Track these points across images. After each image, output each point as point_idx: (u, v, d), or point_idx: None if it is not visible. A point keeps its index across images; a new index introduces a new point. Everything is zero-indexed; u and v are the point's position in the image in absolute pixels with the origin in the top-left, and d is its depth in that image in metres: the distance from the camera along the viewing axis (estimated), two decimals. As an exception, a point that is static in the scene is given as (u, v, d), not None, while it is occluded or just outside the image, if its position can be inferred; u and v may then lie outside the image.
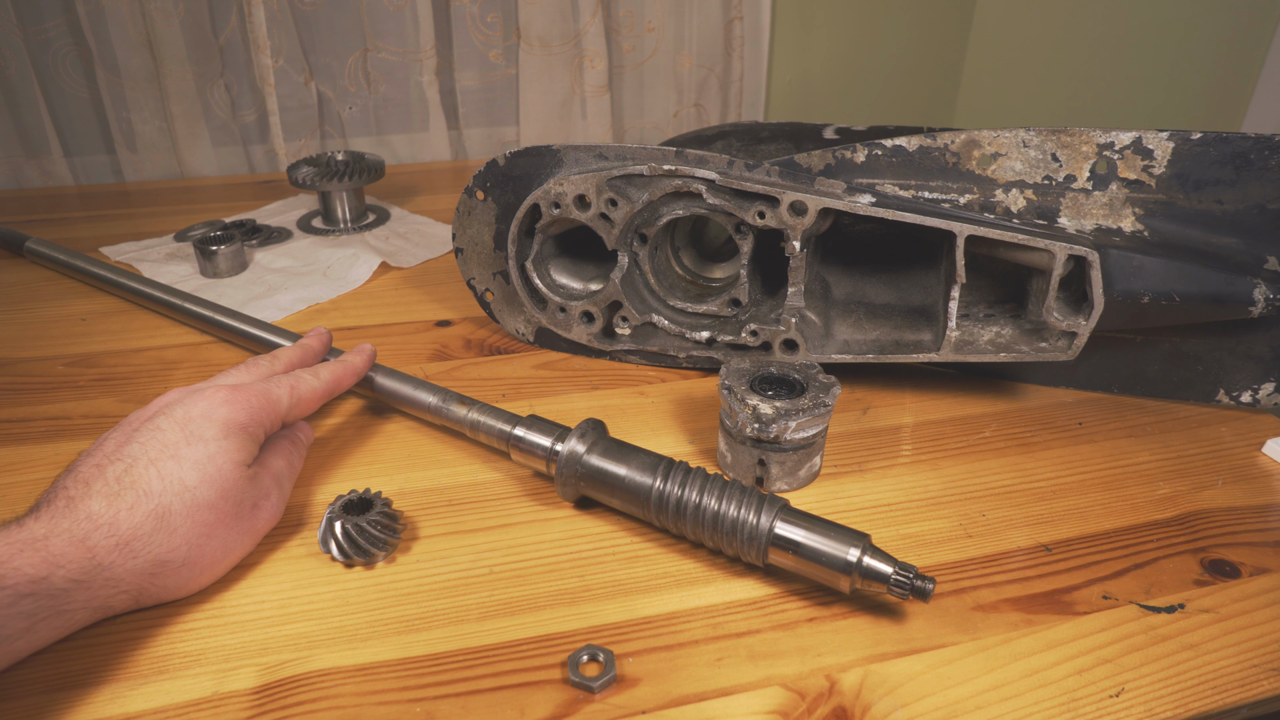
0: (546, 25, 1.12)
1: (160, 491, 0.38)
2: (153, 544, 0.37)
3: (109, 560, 0.35)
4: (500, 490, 0.50)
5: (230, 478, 0.40)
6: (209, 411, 0.41)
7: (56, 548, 0.34)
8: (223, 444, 0.41)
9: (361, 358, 0.53)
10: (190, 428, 0.40)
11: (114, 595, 0.37)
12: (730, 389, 0.48)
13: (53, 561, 0.34)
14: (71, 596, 0.35)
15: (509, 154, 0.58)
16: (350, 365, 0.52)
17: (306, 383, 0.48)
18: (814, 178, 0.55)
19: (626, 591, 0.43)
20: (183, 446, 0.39)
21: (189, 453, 0.39)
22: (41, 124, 1.00)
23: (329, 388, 0.49)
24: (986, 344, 0.55)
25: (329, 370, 0.50)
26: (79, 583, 0.35)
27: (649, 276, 0.60)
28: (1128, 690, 0.37)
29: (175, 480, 0.38)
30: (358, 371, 0.53)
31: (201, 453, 0.40)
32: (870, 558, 0.39)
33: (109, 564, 0.35)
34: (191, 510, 0.38)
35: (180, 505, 0.38)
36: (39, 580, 0.33)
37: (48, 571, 0.33)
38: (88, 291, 0.74)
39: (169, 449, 0.39)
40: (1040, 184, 0.54)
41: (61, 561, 0.34)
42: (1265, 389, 0.56)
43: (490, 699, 0.37)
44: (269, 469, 0.44)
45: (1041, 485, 0.51)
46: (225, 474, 0.40)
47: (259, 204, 0.97)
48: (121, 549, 0.36)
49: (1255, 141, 0.51)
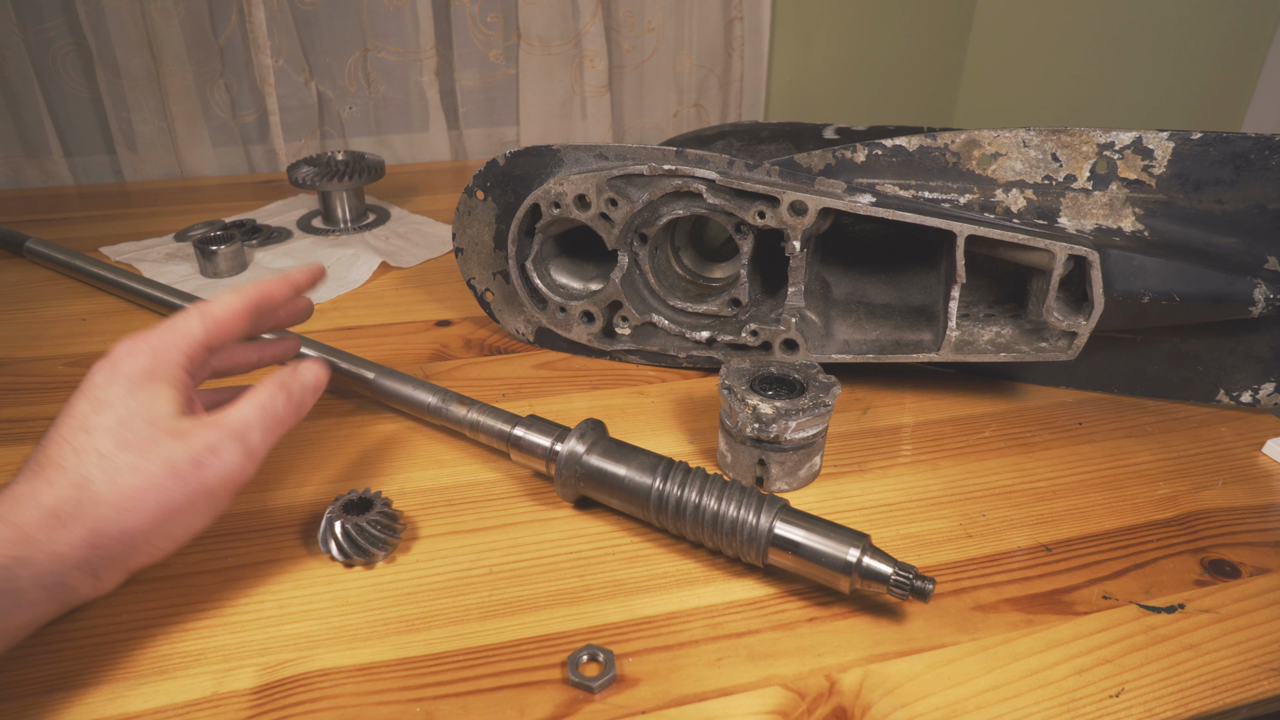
0: (546, 25, 1.12)
1: (76, 464, 0.36)
2: (80, 512, 0.35)
3: (40, 535, 0.34)
4: (500, 490, 0.50)
5: (148, 436, 0.37)
6: (111, 372, 0.38)
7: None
8: (130, 404, 0.37)
9: (300, 271, 0.47)
10: (96, 394, 0.38)
11: (65, 571, 0.35)
12: (730, 389, 0.48)
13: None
14: (15, 573, 0.33)
15: (509, 154, 0.58)
16: (282, 276, 0.46)
17: (222, 301, 0.42)
18: (814, 178, 0.55)
19: (626, 591, 0.43)
20: (91, 416, 0.37)
21: (98, 421, 0.37)
22: (41, 124, 1.00)
23: (254, 299, 0.43)
24: (986, 344, 0.55)
25: (254, 283, 0.44)
26: (17, 559, 0.33)
27: (649, 276, 0.60)
28: (1128, 690, 0.37)
29: (90, 450, 0.36)
30: (293, 283, 0.46)
31: (110, 418, 0.37)
32: (870, 558, 0.39)
33: (41, 538, 0.34)
34: (112, 475, 0.36)
35: (100, 473, 0.36)
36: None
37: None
38: (88, 291, 0.74)
39: (79, 422, 0.37)
40: (1040, 184, 0.54)
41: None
42: (1265, 389, 0.56)
43: (490, 699, 0.37)
44: (221, 420, 0.39)
45: (1041, 485, 0.51)
46: (141, 434, 0.37)
47: (259, 204, 0.97)
48: (49, 521, 0.34)
49: (1255, 141, 0.51)
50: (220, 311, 0.42)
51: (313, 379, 0.43)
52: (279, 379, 0.42)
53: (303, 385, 0.43)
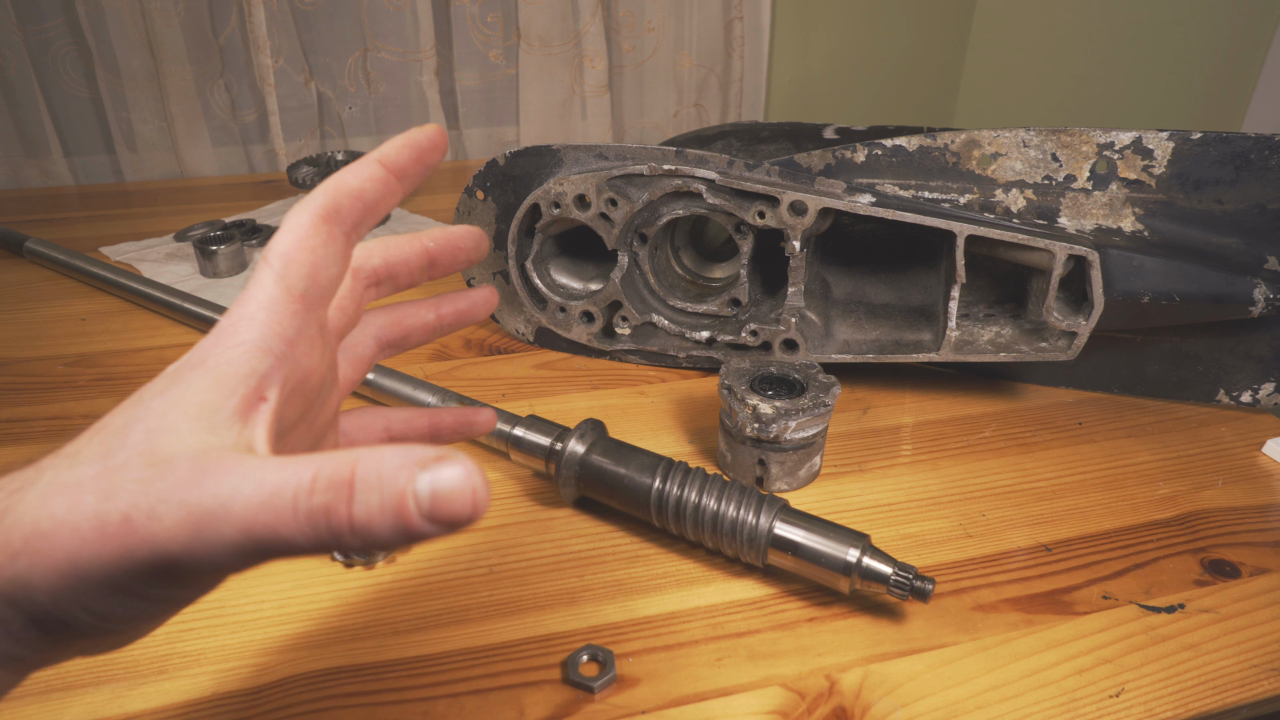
0: (546, 25, 1.12)
1: (46, 465, 0.23)
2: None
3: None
4: (500, 490, 0.50)
5: (125, 455, 0.23)
6: (188, 357, 0.25)
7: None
8: (154, 402, 0.24)
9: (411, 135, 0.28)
10: (153, 383, 0.25)
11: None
12: (730, 389, 0.48)
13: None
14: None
15: (509, 154, 0.58)
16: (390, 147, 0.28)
17: (295, 234, 0.26)
18: (814, 178, 0.55)
19: (626, 591, 0.43)
20: (120, 410, 0.24)
21: (113, 419, 0.24)
22: (41, 124, 1.00)
23: (331, 200, 0.26)
24: (986, 344, 0.55)
25: (330, 180, 0.27)
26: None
27: (649, 276, 0.60)
28: (1128, 690, 0.37)
29: (68, 453, 0.23)
30: (413, 144, 0.28)
31: (122, 417, 0.24)
32: (870, 558, 0.39)
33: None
34: (47, 493, 0.22)
35: (45, 483, 0.22)
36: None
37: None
38: (88, 291, 0.74)
39: (112, 415, 0.24)
40: (1040, 184, 0.54)
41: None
42: (1265, 389, 0.56)
43: (490, 699, 0.37)
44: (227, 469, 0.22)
45: (1041, 485, 0.51)
46: (124, 447, 0.23)
47: (259, 204, 0.96)
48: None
49: (1255, 141, 0.51)
50: (301, 252, 0.25)
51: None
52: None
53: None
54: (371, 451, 0.20)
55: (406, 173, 0.28)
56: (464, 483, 0.20)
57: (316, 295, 0.26)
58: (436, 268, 0.33)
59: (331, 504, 0.19)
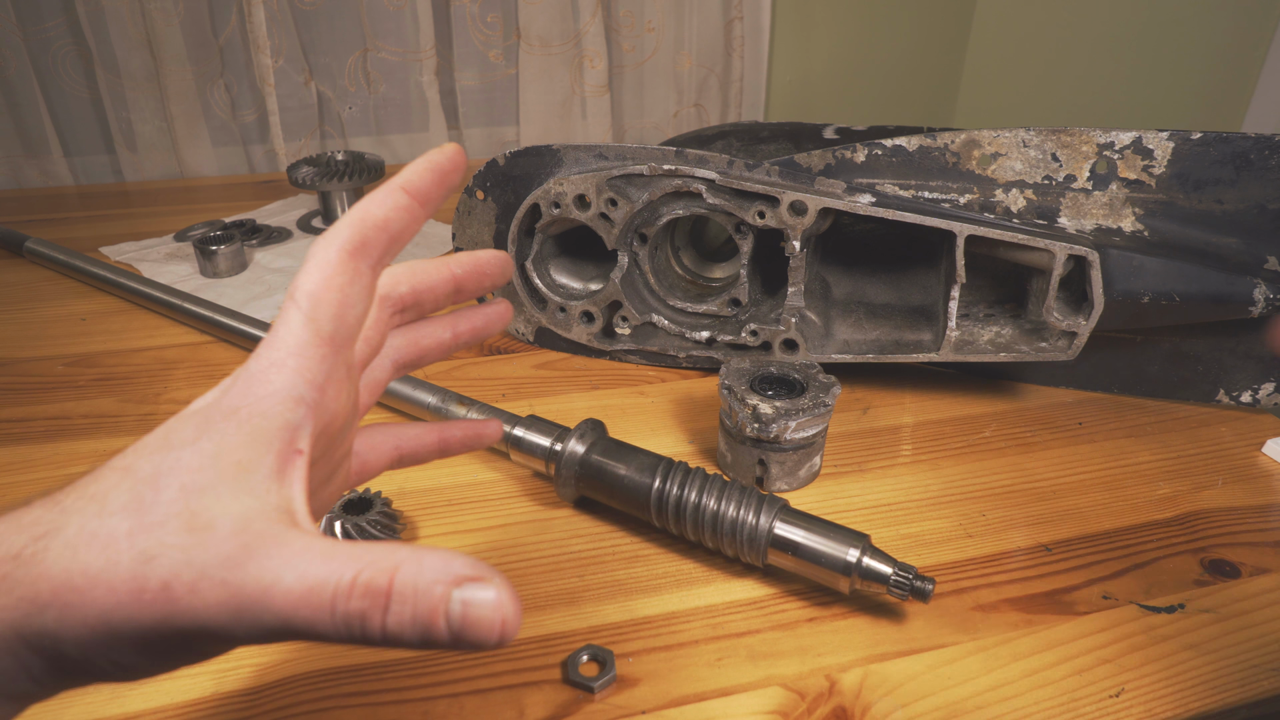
0: (546, 25, 1.12)
1: (66, 508, 0.23)
2: (18, 576, 0.22)
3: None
4: (500, 490, 0.50)
5: (162, 513, 0.23)
6: (209, 402, 0.25)
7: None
8: (185, 455, 0.24)
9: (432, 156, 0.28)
10: (171, 426, 0.25)
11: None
12: (730, 389, 0.48)
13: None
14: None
15: (509, 154, 0.58)
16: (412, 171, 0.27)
17: (320, 277, 0.25)
18: (814, 178, 0.55)
19: (626, 591, 0.43)
20: (141, 454, 0.24)
21: (141, 463, 0.24)
22: (41, 124, 1.00)
23: (359, 236, 0.26)
24: (986, 344, 0.55)
25: (357, 208, 0.26)
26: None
27: (649, 276, 0.60)
28: (1128, 690, 0.37)
29: (94, 498, 0.23)
30: (435, 168, 0.27)
31: (151, 466, 0.24)
32: (870, 558, 0.39)
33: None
34: (78, 543, 0.22)
35: (73, 531, 0.23)
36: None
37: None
38: (88, 291, 0.74)
39: (127, 455, 0.24)
40: (1040, 184, 0.54)
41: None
42: (1265, 389, 0.56)
43: (490, 699, 0.37)
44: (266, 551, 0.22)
45: (1041, 485, 0.51)
46: (159, 504, 0.23)
47: (259, 204, 0.96)
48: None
49: (1255, 141, 0.51)
50: (329, 291, 0.25)
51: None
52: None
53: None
54: (411, 557, 0.20)
55: (430, 197, 0.27)
56: (495, 611, 0.20)
57: (345, 336, 0.25)
58: (462, 293, 0.33)
59: (367, 611, 0.20)
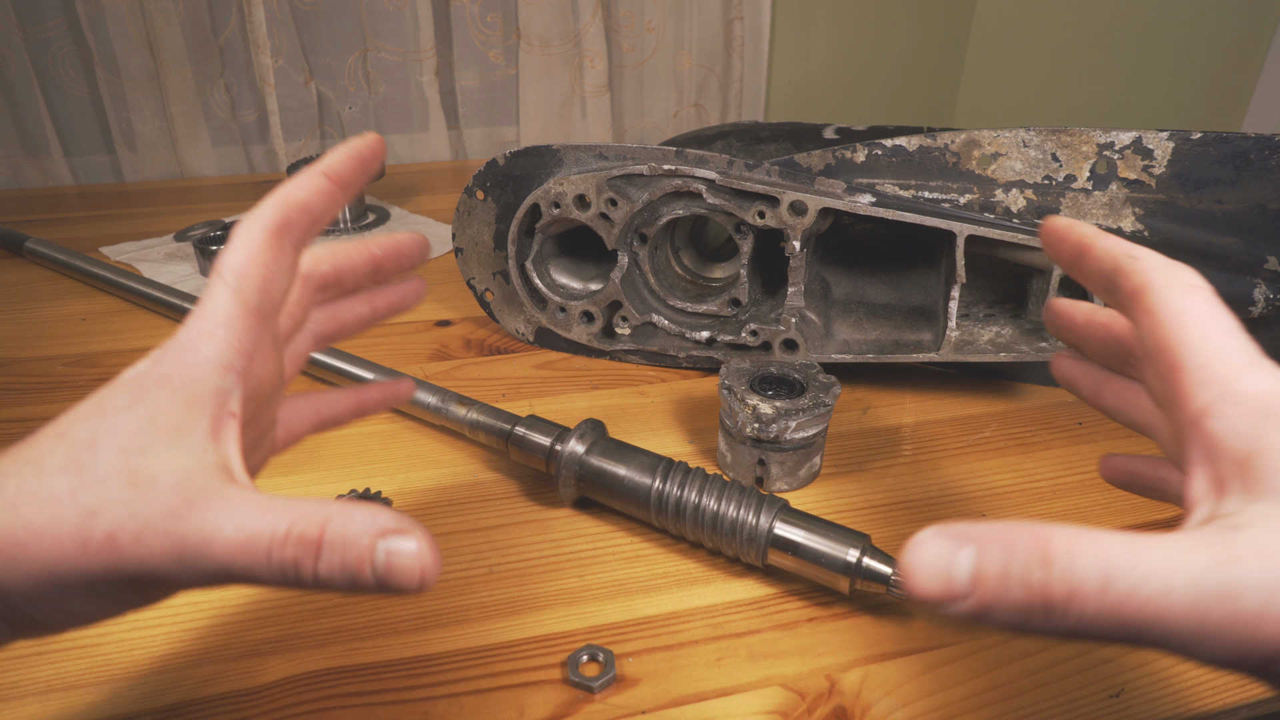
0: (546, 25, 1.12)
1: (5, 470, 0.25)
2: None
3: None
4: (500, 490, 0.50)
5: (100, 472, 0.24)
6: (138, 372, 0.27)
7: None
8: (119, 419, 0.26)
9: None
10: (103, 395, 0.27)
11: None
12: (730, 389, 0.48)
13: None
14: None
15: (509, 154, 0.58)
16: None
17: (248, 259, 0.27)
18: (814, 178, 0.55)
19: (626, 591, 0.43)
20: (76, 421, 0.26)
21: (75, 429, 0.26)
22: (41, 124, 1.00)
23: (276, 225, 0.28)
24: (986, 344, 0.55)
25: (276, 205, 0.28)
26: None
27: (649, 276, 0.60)
28: (1128, 690, 0.37)
29: (30, 460, 0.25)
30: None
31: (86, 431, 0.26)
32: (870, 558, 0.39)
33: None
34: (19, 500, 0.23)
35: (13, 490, 0.24)
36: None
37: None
38: (88, 291, 0.74)
39: (60, 422, 0.26)
40: (1040, 184, 0.54)
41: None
42: (1265, 389, 0.56)
43: (490, 699, 0.37)
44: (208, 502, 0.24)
45: (1041, 485, 0.51)
46: (96, 463, 0.24)
47: (259, 204, 0.96)
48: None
49: (1255, 141, 0.51)
50: (254, 267, 0.27)
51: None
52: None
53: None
54: (340, 512, 0.22)
55: (350, 182, 0.29)
56: (415, 560, 0.22)
57: (270, 308, 0.27)
58: (381, 273, 0.35)
59: (300, 559, 0.22)
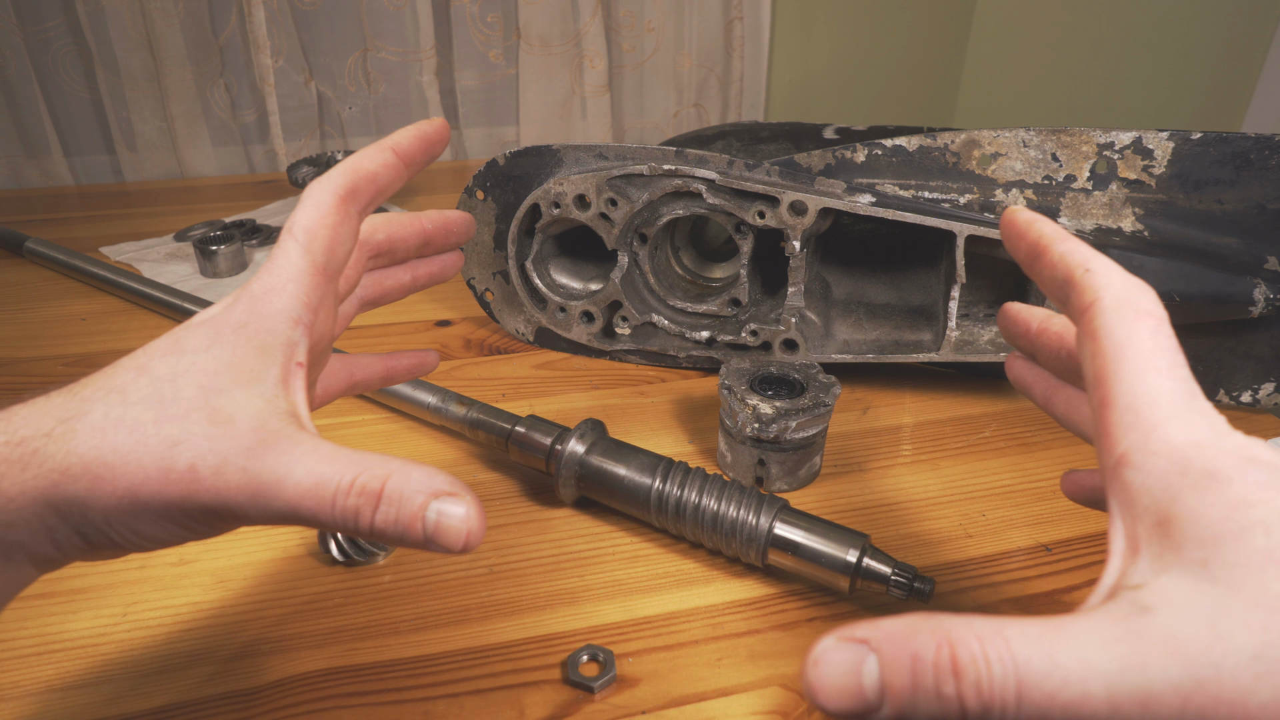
0: (546, 25, 1.12)
1: (87, 396, 0.28)
2: (47, 455, 0.26)
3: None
4: (500, 490, 0.50)
5: (183, 404, 0.26)
6: (213, 314, 0.29)
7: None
8: (199, 359, 0.27)
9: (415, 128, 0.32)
10: (180, 333, 0.28)
11: (11, 523, 0.25)
12: (730, 389, 0.48)
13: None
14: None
15: (509, 154, 0.58)
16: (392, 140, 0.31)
17: (318, 216, 0.29)
18: (814, 178, 0.55)
19: (626, 591, 0.43)
20: (156, 355, 0.28)
21: (155, 363, 0.28)
22: (41, 124, 1.00)
23: (348, 185, 0.30)
24: (986, 344, 0.54)
25: (342, 165, 0.30)
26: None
27: (649, 276, 0.60)
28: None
29: (114, 389, 0.27)
30: (422, 135, 0.32)
31: (167, 366, 0.27)
32: (869, 558, 0.39)
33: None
34: (105, 426, 0.26)
35: (99, 415, 0.26)
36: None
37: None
38: (88, 291, 0.74)
39: (141, 355, 0.28)
40: (1040, 184, 0.54)
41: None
42: (1265, 389, 0.56)
43: (490, 699, 0.37)
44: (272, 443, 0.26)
45: (1041, 485, 0.51)
46: (179, 397, 0.26)
47: (259, 204, 0.96)
48: (8, 455, 0.27)
49: (1255, 141, 0.51)
50: (323, 228, 0.28)
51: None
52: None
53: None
54: (401, 469, 0.24)
55: (414, 160, 0.32)
56: (463, 523, 0.24)
57: (334, 268, 0.29)
58: (430, 246, 0.38)
59: (360, 508, 0.24)
